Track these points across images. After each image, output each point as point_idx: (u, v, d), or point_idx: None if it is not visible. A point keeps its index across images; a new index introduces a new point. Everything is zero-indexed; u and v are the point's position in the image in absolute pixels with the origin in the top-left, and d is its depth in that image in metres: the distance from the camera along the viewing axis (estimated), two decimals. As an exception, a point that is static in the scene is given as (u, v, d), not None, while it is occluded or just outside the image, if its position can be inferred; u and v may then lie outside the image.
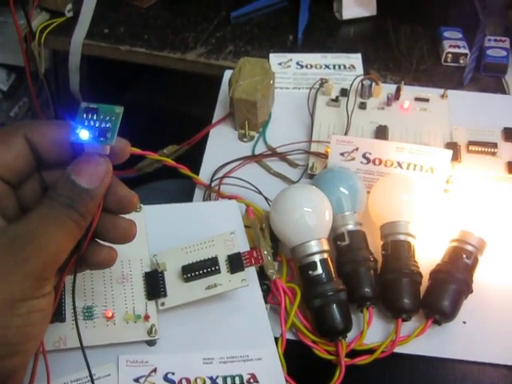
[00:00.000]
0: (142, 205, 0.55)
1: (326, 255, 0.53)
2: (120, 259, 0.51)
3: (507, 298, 0.56)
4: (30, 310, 0.35)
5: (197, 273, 0.49)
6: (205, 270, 0.49)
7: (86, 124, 0.36)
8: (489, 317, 0.55)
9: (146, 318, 0.48)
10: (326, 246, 0.54)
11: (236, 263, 0.49)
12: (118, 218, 0.40)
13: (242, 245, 0.52)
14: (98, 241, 0.41)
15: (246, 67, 0.71)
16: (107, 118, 0.37)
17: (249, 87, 0.69)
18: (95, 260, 0.40)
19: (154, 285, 0.50)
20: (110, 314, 0.48)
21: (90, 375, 0.41)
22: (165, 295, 0.49)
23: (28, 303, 0.35)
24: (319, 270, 0.53)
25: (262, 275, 0.53)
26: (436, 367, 0.52)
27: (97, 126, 0.36)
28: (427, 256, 0.57)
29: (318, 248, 0.53)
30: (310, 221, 0.54)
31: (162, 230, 0.54)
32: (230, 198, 0.62)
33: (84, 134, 0.36)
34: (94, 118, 0.36)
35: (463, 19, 0.90)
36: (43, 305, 0.36)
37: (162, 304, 0.49)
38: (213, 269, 0.49)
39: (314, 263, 0.53)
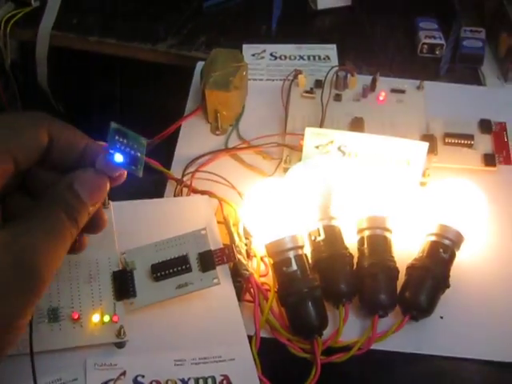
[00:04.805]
0: (110, 201, 0.53)
1: (300, 251, 0.52)
2: (87, 258, 0.49)
3: (484, 293, 0.56)
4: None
5: (167, 271, 0.48)
6: (175, 269, 0.48)
7: (118, 147, 0.37)
8: (466, 311, 0.54)
9: (115, 319, 0.46)
10: (300, 242, 0.53)
11: (207, 261, 0.48)
12: None
13: (214, 241, 0.50)
14: None
15: (219, 58, 0.69)
16: (135, 147, 0.38)
17: (221, 79, 0.67)
18: None
19: (123, 284, 0.48)
20: (76, 316, 0.46)
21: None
22: (134, 295, 0.47)
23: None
24: (294, 267, 0.51)
25: (235, 272, 0.52)
26: (414, 363, 0.52)
27: (127, 151, 0.38)
28: (403, 250, 0.56)
29: (292, 244, 0.52)
30: (284, 216, 0.52)
31: (131, 227, 0.52)
32: (202, 193, 0.60)
33: (118, 158, 0.38)
34: (125, 141, 0.38)
35: (439, 10, 0.89)
36: None
37: (131, 304, 0.47)
38: (183, 267, 0.48)
39: (289, 259, 0.51)
